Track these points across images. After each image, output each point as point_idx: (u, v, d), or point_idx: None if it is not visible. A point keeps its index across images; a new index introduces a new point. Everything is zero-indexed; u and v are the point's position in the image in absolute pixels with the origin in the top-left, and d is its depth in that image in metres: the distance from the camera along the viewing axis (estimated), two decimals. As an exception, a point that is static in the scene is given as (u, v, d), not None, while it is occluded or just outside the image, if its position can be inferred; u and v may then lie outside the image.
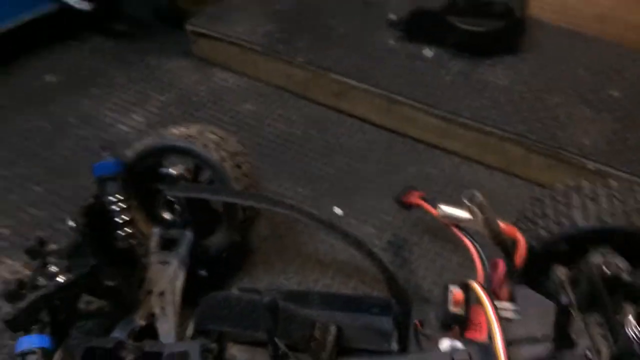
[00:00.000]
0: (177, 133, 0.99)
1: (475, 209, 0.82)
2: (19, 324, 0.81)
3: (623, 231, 0.88)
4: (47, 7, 1.53)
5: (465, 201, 0.82)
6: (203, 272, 0.99)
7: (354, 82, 1.40)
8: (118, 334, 0.88)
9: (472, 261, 0.88)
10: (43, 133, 1.37)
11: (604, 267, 0.84)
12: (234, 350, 0.87)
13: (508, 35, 1.42)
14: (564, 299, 0.73)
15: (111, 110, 1.44)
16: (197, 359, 0.79)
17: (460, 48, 1.45)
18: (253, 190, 1.03)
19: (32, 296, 0.81)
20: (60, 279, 0.82)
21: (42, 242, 0.87)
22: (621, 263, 0.87)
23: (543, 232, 0.92)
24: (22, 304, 0.80)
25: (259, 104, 1.48)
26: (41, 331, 0.82)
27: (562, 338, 0.75)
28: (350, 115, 1.45)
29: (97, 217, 0.87)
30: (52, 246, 0.86)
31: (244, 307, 0.82)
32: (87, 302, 1.00)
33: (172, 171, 0.95)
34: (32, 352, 0.79)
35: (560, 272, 0.91)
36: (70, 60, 1.59)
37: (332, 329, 0.86)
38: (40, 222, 1.16)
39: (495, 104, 1.33)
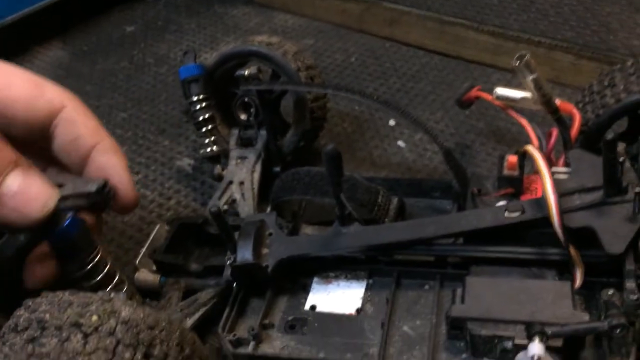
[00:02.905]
0: (259, 40, 1.06)
1: (525, 70, 0.86)
2: None
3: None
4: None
5: (513, 62, 0.86)
6: (277, 169, 1.08)
7: (406, 9, 1.47)
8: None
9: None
10: (125, 71, 1.53)
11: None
12: (306, 229, 0.94)
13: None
14: (608, 135, 0.67)
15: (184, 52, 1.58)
16: (273, 225, 0.87)
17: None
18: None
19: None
20: None
21: None
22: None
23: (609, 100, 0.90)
24: None
25: (317, 39, 1.58)
26: None
27: (612, 183, 0.71)
28: (405, 44, 1.51)
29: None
30: None
31: (313, 177, 0.90)
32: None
33: (248, 72, 1.01)
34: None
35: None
36: (147, 14, 1.75)
37: (395, 200, 0.90)
38: (125, 140, 1.30)
39: (544, 17, 1.36)
